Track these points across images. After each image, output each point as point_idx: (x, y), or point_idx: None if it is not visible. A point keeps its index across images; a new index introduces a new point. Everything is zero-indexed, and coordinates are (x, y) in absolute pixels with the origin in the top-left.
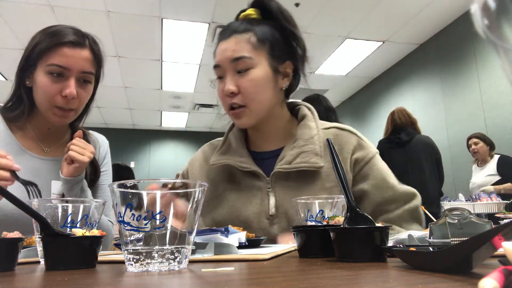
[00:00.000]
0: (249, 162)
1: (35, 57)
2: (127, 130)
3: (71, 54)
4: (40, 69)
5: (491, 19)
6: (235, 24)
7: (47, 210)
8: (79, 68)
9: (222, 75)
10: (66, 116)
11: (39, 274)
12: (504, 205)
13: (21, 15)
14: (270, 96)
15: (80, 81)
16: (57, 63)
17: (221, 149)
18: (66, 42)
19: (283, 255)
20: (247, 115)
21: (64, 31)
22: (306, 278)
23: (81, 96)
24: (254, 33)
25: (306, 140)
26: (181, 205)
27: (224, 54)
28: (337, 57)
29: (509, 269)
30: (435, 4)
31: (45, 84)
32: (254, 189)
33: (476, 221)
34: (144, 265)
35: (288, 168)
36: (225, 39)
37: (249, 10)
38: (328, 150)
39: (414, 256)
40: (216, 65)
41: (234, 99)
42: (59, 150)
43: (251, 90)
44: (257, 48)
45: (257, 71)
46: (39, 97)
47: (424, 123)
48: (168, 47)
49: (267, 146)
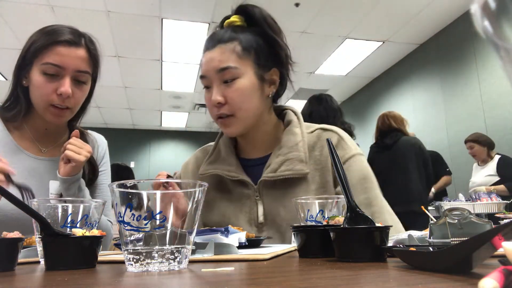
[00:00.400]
0: (237, 171)
1: (31, 56)
2: (127, 130)
3: (66, 53)
4: (35, 68)
5: (491, 19)
6: (220, 33)
7: (47, 210)
8: (74, 67)
9: (208, 85)
10: (62, 114)
11: (39, 274)
12: (504, 205)
13: (21, 15)
14: (257, 104)
15: (76, 81)
16: (52, 61)
17: (210, 158)
18: (61, 41)
19: (283, 255)
20: (234, 124)
21: (60, 30)
22: (306, 278)
23: (77, 95)
24: (239, 42)
25: (291, 147)
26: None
27: (210, 65)
28: (337, 57)
29: (509, 269)
30: (435, 4)
31: (41, 83)
32: (243, 198)
33: (476, 221)
34: (144, 265)
35: (273, 176)
36: (210, 49)
37: (233, 17)
38: (328, 150)
39: (414, 256)
40: (202, 75)
41: (221, 109)
42: (56, 150)
43: (237, 100)
44: (242, 58)
45: (243, 80)
46: (35, 96)
47: (424, 123)
48: (168, 47)
49: (255, 153)
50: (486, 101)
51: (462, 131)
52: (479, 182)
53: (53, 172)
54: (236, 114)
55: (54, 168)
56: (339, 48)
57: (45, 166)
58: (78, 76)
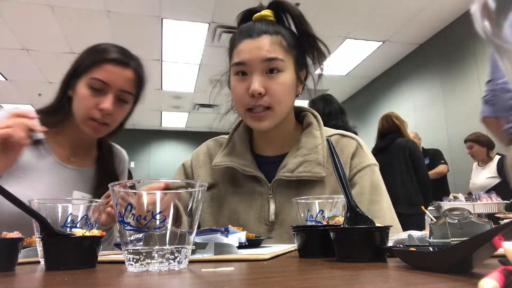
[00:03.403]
0: (252, 167)
1: (81, 70)
2: (127, 130)
3: (114, 71)
4: (83, 81)
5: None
6: (260, 25)
7: (47, 210)
8: (119, 86)
9: (245, 71)
10: (100, 129)
11: (39, 274)
12: (504, 205)
13: (21, 15)
14: (292, 101)
15: (119, 99)
16: (99, 77)
17: (225, 150)
18: (111, 59)
19: (283, 255)
20: (269, 118)
21: (110, 49)
22: (306, 278)
23: (116, 113)
24: (283, 37)
25: (310, 149)
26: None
27: (256, 53)
28: (337, 57)
29: (509, 269)
30: (435, 4)
31: (85, 96)
32: (255, 194)
33: (476, 221)
34: (144, 265)
35: (290, 176)
36: (253, 37)
37: (266, 11)
38: (328, 150)
39: (414, 256)
40: (241, 62)
41: (259, 100)
42: (84, 161)
43: (279, 93)
44: (288, 53)
45: (286, 75)
46: (77, 108)
47: (424, 123)
48: (168, 47)
49: (270, 151)
50: None
51: (462, 131)
52: (480, 184)
53: (78, 182)
54: (274, 108)
55: (79, 179)
56: (339, 48)
57: (71, 175)
58: (121, 95)
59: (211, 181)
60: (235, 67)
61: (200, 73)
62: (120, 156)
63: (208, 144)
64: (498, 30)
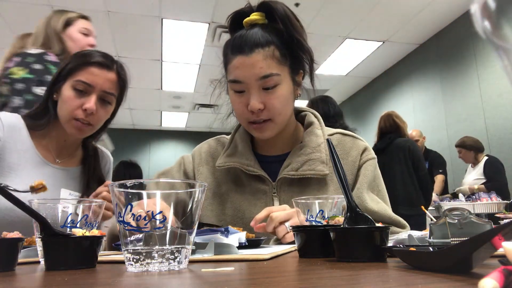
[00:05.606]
0: (256, 166)
1: (66, 74)
2: (127, 130)
3: (97, 73)
4: (67, 85)
5: (491, 19)
6: (252, 36)
7: (47, 210)
8: (102, 87)
9: (243, 90)
10: (83, 129)
11: (39, 274)
12: (504, 205)
13: (21, 15)
14: (292, 108)
15: (102, 100)
16: (83, 79)
17: (228, 151)
18: (94, 62)
19: (283, 255)
20: (271, 129)
21: (94, 54)
22: (306, 278)
23: (100, 114)
24: (275, 46)
25: (313, 148)
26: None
27: (250, 71)
28: (337, 57)
29: (509, 269)
30: (435, 4)
31: (69, 97)
32: (259, 193)
33: (476, 221)
34: (144, 265)
35: (294, 174)
36: (246, 54)
37: (254, 14)
38: (328, 149)
39: (414, 256)
40: (236, 80)
41: (260, 115)
42: (69, 162)
43: (278, 105)
44: (282, 64)
45: (283, 86)
46: (61, 109)
47: (424, 123)
48: (168, 47)
49: (272, 151)
50: (486, 101)
51: (462, 131)
52: (467, 184)
53: (65, 180)
54: (274, 119)
55: (67, 177)
56: (339, 48)
57: (58, 174)
58: (104, 96)
59: (213, 180)
60: (232, 84)
61: (200, 73)
62: (105, 157)
63: (210, 143)
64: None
